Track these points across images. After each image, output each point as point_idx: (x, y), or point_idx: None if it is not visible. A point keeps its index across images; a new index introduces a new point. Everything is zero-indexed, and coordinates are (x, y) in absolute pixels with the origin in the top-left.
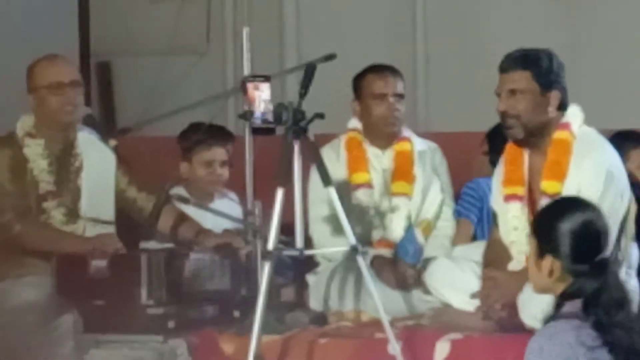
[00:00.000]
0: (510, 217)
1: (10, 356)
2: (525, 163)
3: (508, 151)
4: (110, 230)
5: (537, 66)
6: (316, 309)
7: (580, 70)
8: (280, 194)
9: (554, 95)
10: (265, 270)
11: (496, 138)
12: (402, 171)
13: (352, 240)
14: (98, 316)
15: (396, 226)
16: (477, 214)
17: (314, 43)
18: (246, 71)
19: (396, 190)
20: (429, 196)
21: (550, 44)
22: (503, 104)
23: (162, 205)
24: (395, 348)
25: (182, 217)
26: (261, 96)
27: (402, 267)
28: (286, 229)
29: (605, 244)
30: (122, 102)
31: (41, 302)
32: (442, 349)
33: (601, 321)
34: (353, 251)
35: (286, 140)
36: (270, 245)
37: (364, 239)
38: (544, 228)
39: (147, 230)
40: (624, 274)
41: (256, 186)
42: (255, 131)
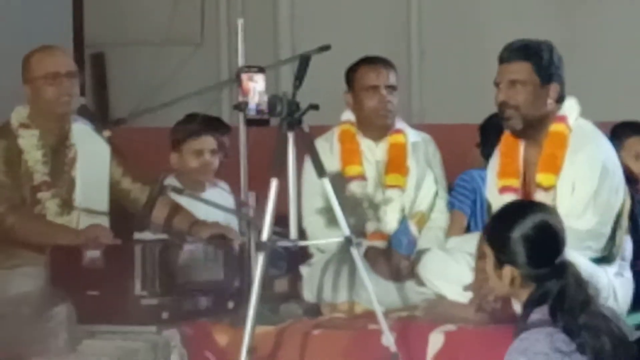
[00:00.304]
0: None
1: (5, 347)
2: (521, 155)
3: (504, 142)
4: (104, 221)
5: (538, 58)
6: (310, 300)
7: (577, 64)
8: (274, 185)
9: (553, 88)
10: (259, 262)
11: (489, 131)
12: (395, 163)
13: (346, 231)
14: (92, 307)
15: (390, 218)
16: (470, 206)
17: (308, 34)
18: (241, 62)
19: (390, 182)
20: (422, 188)
21: (545, 37)
22: (502, 95)
23: (157, 197)
24: (388, 339)
25: (176, 208)
26: (255, 87)
27: (396, 258)
28: (280, 220)
29: (563, 243)
30: (116, 93)
31: (35, 293)
32: (435, 341)
33: (568, 325)
34: (347, 243)
35: (280, 131)
36: (264, 237)
37: (358, 231)
38: (497, 239)
39: (141, 221)
40: (617, 267)
41: (250, 177)
42: (250, 122)
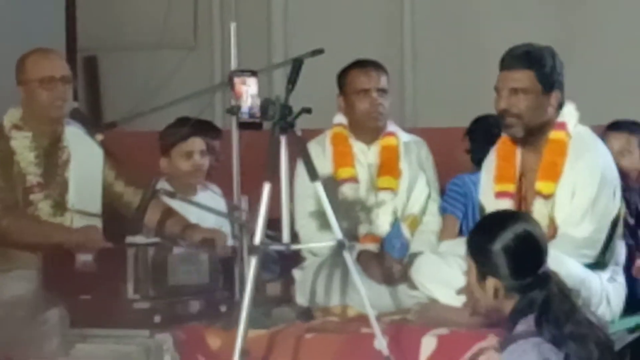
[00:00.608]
0: None
1: None
2: (518, 160)
3: (501, 147)
4: (97, 223)
5: (540, 66)
6: (302, 304)
7: (573, 65)
8: (266, 188)
9: (555, 96)
10: (252, 265)
11: (477, 136)
12: (388, 166)
13: (338, 235)
14: (84, 311)
15: (382, 221)
16: (462, 210)
17: (301, 38)
18: (233, 66)
19: (382, 185)
20: (415, 191)
21: (541, 40)
22: (504, 102)
23: (149, 200)
24: (381, 343)
25: (169, 212)
26: (248, 91)
27: (389, 262)
28: (273, 223)
29: (545, 253)
30: (109, 97)
31: (28, 297)
32: (428, 344)
33: (555, 335)
34: (339, 246)
35: (273, 135)
36: (257, 240)
37: (350, 234)
38: (478, 251)
39: (133, 224)
40: (610, 272)
41: (243, 181)
42: (242, 126)
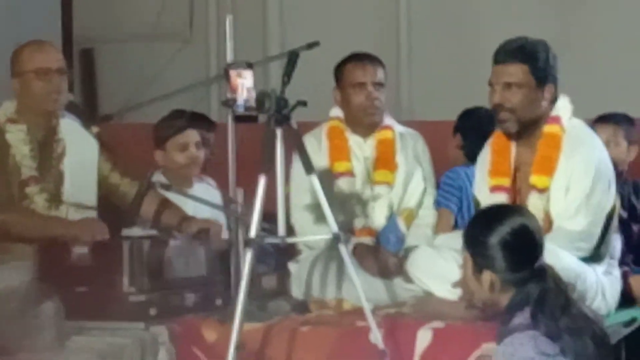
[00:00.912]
0: None
1: None
2: (512, 154)
3: (495, 141)
4: (93, 215)
5: (534, 60)
6: (298, 297)
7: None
8: (262, 181)
9: (549, 89)
10: (248, 258)
11: (468, 131)
12: (384, 159)
13: (334, 228)
14: (80, 303)
15: (378, 214)
16: (457, 203)
17: (297, 31)
18: (229, 58)
19: (378, 178)
20: (411, 185)
21: (536, 35)
22: (498, 97)
23: (145, 192)
24: (376, 336)
25: (165, 204)
26: (244, 84)
27: (384, 255)
28: (268, 216)
29: (541, 246)
30: (105, 89)
31: (23, 289)
32: (423, 338)
33: (550, 328)
34: (335, 239)
35: (269, 127)
36: (253, 233)
37: (346, 227)
38: (475, 245)
39: (129, 216)
40: (606, 265)
41: (238, 174)
42: (238, 119)
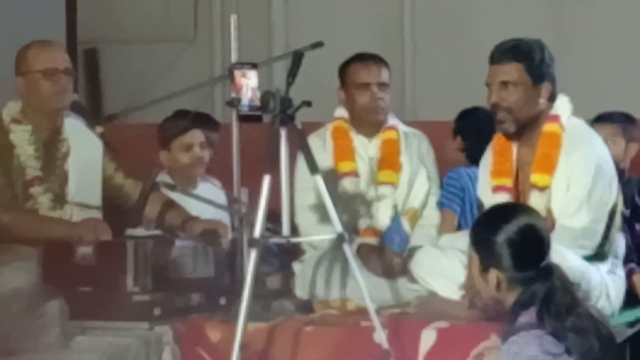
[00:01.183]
0: None
1: None
2: (514, 154)
3: (496, 142)
4: (97, 216)
5: (529, 58)
6: (302, 297)
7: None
8: (266, 181)
9: (545, 87)
10: (252, 258)
11: (469, 133)
12: (388, 160)
13: (338, 228)
14: (84, 303)
15: (383, 215)
16: (460, 204)
17: (301, 31)
18: (234, 58)
19: (382, 179)
20: (415, 185)
21: (537, 35)
22: (494, 96)
23: (149, 193)
24: (381, 336)
25: (169, 204)
26: (248, 84)
27: (389, 255)
28: (273, 216)
29: (548, 246)
30: (109, 89)
31: (27, 289)
32: (428, 338)
33: (556, 327)
34: (339, 239)
35: (273, 127)
36: (257, 233)
37: (351, 228)
38: (482, 243)
39: (133, 216)
40: (609, 265)
41: (243, 174)
42: (242, 119)
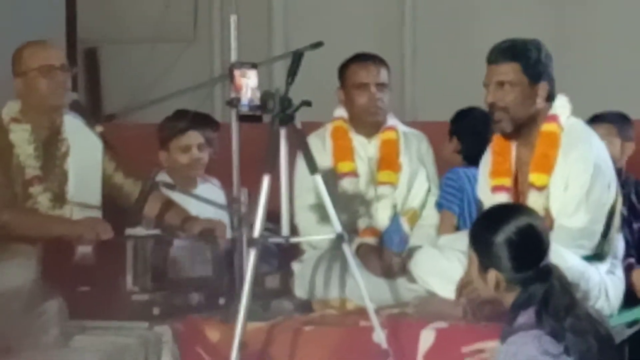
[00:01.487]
0: None
1: None
2: (513, 154)
3: (495, 142)
4: (97, 215)
5: (526, 58)
6: (301, 296)
7: (568, 60)
8: (266, 181)
9: (542, 87)
10: (251, 258)
11: (465, 134)
12: (388, 160)
13: (337, 228)
14: (83, 302)
15: (382, 215)
16: (458, 205)
17: (301, 31)
18: (233, 58)
19: (382, 179)
20: (415, 185)
21: (537, 35)
22: (491, 96)
23: (149, 192)
24: (380, 336)
25: (169, 204)
26: (248, 83)
27: (388, 255)
28: (272, 216)
29: (547, 246)
30: (109, 89)
31: (27, 287)
32: (427, 338)
33: (554, 328)
34: (339, 239)
35: (273, 127)
36: (256, 233)
37: (350, 228)
38: (481, 243)
39: (133, 216)
40: (609, 265)
41: (242, 173)
42: (242, 118)
